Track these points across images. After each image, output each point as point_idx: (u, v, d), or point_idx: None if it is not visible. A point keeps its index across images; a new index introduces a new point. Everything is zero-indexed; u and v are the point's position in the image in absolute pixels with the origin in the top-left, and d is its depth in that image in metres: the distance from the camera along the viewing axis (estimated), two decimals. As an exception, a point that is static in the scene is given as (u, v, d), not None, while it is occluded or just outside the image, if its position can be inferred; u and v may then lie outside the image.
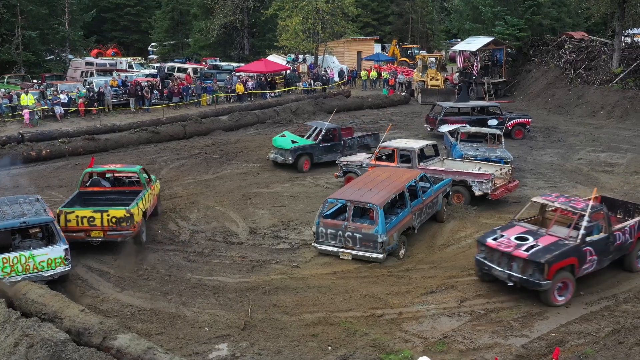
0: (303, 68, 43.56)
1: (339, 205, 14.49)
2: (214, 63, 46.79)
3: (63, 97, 30.83)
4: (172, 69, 44.20)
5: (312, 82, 40.05)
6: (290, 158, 21.26)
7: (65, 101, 30.76)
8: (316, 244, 14.09)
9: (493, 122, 25.68)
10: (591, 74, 35.76)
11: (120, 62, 46.75)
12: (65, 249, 12.30)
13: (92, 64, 42.31)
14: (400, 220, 14.06)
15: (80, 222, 13.76)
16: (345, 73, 43.40)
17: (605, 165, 22.37)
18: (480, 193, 17.17)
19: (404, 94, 38.33)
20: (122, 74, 39.26)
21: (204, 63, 48.41)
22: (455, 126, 23.48)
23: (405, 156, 18.45)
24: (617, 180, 20.43)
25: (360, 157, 19.91)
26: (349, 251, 13.68)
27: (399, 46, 55.50)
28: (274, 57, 46.46)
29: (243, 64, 43.63)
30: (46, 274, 12.12)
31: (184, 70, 42.97)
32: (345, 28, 44.74)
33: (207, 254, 14.39)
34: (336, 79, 41.85)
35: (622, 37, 36.80)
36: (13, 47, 39.35)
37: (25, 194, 14.93)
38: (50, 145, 23.69)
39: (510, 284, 11.87)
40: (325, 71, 42.21)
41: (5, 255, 11.97)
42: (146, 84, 34.17)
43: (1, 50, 39.28)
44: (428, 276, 13.04)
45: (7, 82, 36.40)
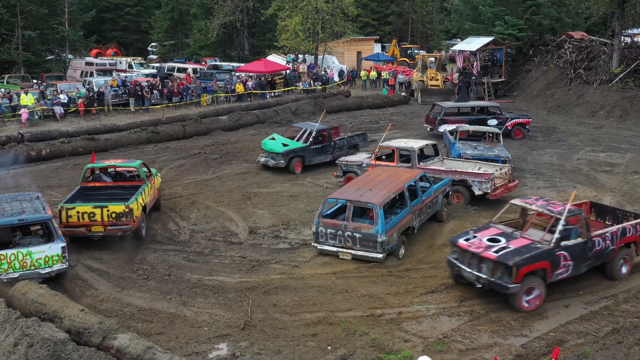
0: (303, 68, 43.55)
1: (338, 205, 14.49)
2: (214, 63, 46.76)
3: (63, 97, 30.84)
4: (172, 69, 44.19)
5: (312, 82, 40.02)
6: (283, 162, 20.94)
7: (65, 101, 30.78)
8: (316, 244, 14.10)
9: (493, 122, 25.70)
10: (591, 74, 35.74)
11: (120, 62, 46.77)
12: (63, 247, 12.35)
13: (92, 64, 42.29)
14: (400, 220, 14.06)
15: (81, 217, 13.96)
16: (345, 73, 43.35)
17: (605, 165, 22.38)
18: (480, 193, 17.18)
19: (404, 94, 38.29)
20: (122, 74, 39.25)
21: (203, 63, 48.37)
22: (455, 126, 23.54)
23: (405, 156, 18.45)
24: (616, 180, 20.43)
25: (360, 157, 19.91)
26: (349, 251, 13.68)
27: (399, 46, 55.44)
28: (273, 57, 46.42)
29: (243, 64, 43.58)
30: (43, 271, 12.17)
31: (184, 70, 42.95)
32: (345, 28, 44.68)
33: (206, 253, 14.39)
34: (336, 79, 41.82)
35: (622, 37, 36.76)
36: (13, 47, 39.29)
37: (26, 192, 14.99)
38: (50, 145, 23.70)
39: (479, 285, 11.61)
40: (325, 71, 42.16)
41: (3, 252, 12.03)
42: (146, 84, 34.15)
43: (1, 50, 39.22)
44: (428, 276, 13.05)
45: (7, 82, 36.37)
